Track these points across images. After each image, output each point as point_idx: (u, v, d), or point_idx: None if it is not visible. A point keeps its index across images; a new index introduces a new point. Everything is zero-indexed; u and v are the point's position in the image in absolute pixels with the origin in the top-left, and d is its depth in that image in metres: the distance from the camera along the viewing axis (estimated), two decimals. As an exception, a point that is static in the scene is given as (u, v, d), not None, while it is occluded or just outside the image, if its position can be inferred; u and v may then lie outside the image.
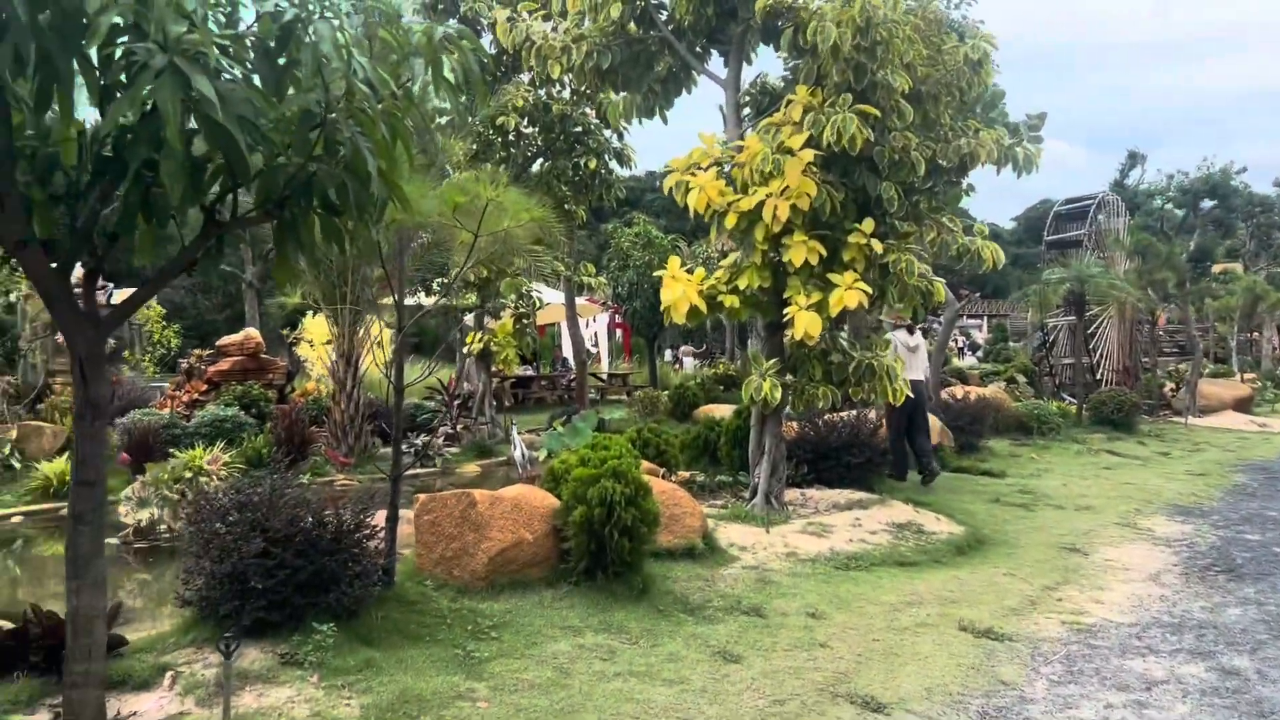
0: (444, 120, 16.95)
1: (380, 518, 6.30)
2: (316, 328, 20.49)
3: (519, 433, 13.32)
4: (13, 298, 21.32)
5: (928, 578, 7.78)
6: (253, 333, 17.63)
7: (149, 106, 3.80)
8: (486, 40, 16.47)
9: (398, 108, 4.61)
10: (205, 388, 16.81)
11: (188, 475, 9.74)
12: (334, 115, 4.25)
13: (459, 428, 16.04)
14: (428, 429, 15.98)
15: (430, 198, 5.76)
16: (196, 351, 18.24)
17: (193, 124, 4.18)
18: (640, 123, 11.25)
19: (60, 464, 11.65)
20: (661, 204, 62.33)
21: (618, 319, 29.50)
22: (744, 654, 5.71)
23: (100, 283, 5.05)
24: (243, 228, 4.54)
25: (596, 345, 30.34)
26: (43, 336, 17.40)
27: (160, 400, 16.06)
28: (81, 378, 4.49)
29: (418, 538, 6.73)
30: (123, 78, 3.90)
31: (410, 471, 13.61)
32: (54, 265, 4.32)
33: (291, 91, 4.22)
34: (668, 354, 37.77)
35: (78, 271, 4.55)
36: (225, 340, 17.59)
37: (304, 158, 4.32)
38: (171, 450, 12.68)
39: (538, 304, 17.63)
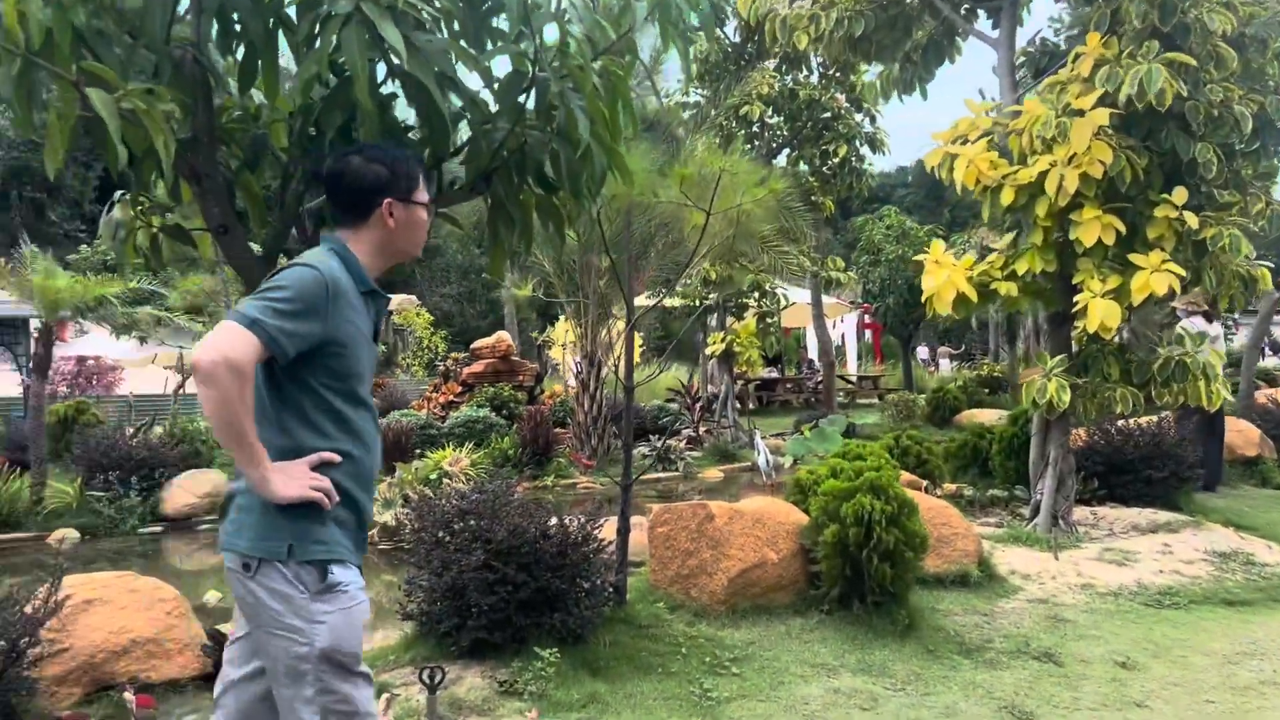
0: (686, 115, 16.52)
1: (612, 527, 5.75)
2: (565, 330, 20.64)
3: (763, 437, 12.57)
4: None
5: (1266, 621, 6.31)
6: (504, 335, 17.95)
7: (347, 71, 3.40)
8: (730, 28, 15.86)
9: (619, 64, 3.99)
10: (460, 389, 17.27)
11: (433, 476, 9.72)
12: (544, 73, 3.69)
13: (701, 430, 15.50)
14: (669, 431, 15.56)
15: (650, 170, 5.13)
16: (453, 355, 18.83)
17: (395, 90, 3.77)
18: (900, 98, 10.20)
19: (322, 462, 12.14)
20: (913, 200, 59.46)
21: (867, 318, 28.08)
22: (1038, 711, 4.67)
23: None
24: (448, 205, 4.08)
25: (844, 345, 29.05)
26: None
27: (418, 402, 16.61)
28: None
29: (651, 551, 6.13)
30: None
31: (650, 475, 13.22)
32: (259, 253, 4.03)
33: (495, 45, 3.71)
34: (921, 354, 35.68)
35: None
36: (479, 343, 18.01)
37: (512, 122, 3.79)
38: (424, 451, 12.93)
39: (782, 303, 16.79)
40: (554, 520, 5.25)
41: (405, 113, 3.78)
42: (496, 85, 3.75)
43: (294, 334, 2.32)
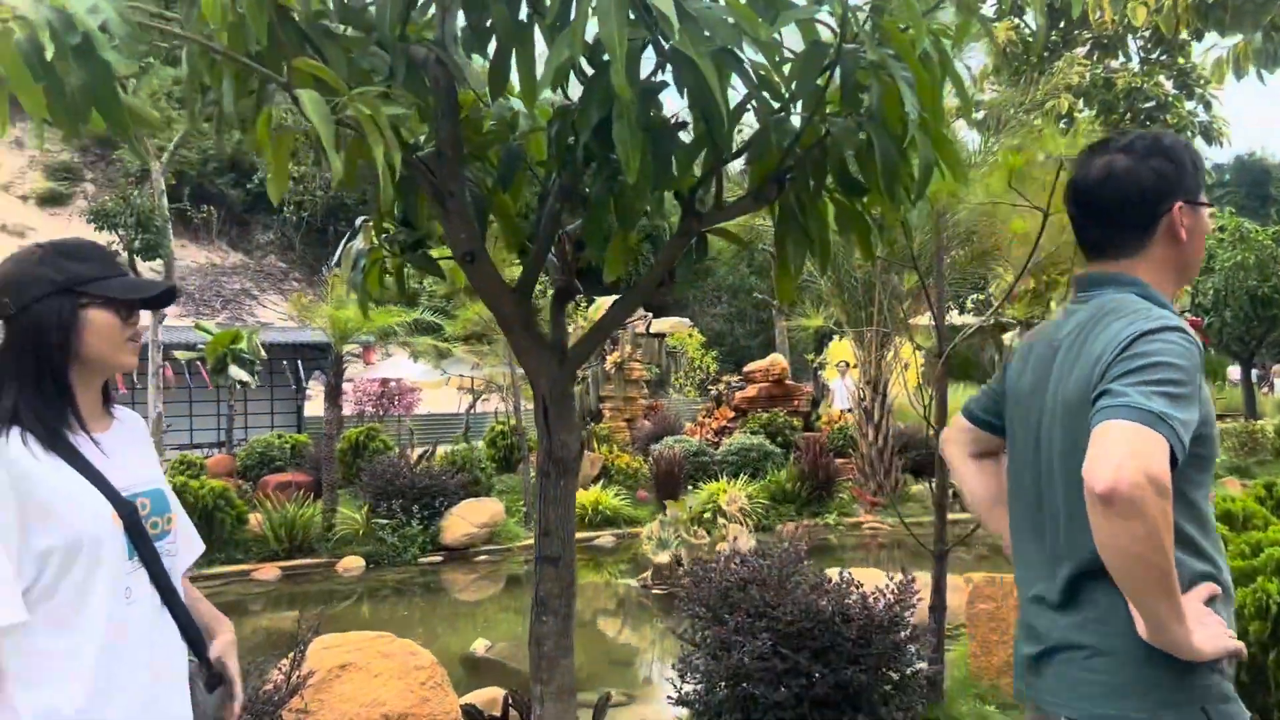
0: (980, 115, 14.99)
1: (918, 590, 4.73)
2: (840, 351, 19.49)
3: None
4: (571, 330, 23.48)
5: None
6: (777, 358, 17.12)
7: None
8: (1029, 16, 14.23)
9: (946, 27, 3.05)
10: (733, 414, 16.62)
11: (708, 515, 9.04)
12: (852, 44, 2.83)
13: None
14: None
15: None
16: (725, 378, 18.24)
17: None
18: (1260, 75, 8.41)
19: (594, 492, 11.82)
20: (1233, 199, 52.71)
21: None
22: None
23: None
24: (729, 218, 3.30)
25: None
26: (594, 365, 18.47)
27: (691, 426, 16.12)
28: (545, 425, 3.57)
29: (971, 631, 5.06)
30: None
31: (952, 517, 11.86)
32: (513, 283, 3.45)
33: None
34: (1235, 374, 31.10)
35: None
36: (751, 366, 17.30)
37: (810, 109, 2.95)
38: (695, 483, 12.34)
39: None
40: (854, 596, 4.33)
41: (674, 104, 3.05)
42: (790, 62, 2.94)
43: (1188, 425, 1.61)
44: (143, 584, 1.71)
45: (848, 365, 18.52)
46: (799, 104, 3.03)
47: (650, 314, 18.77)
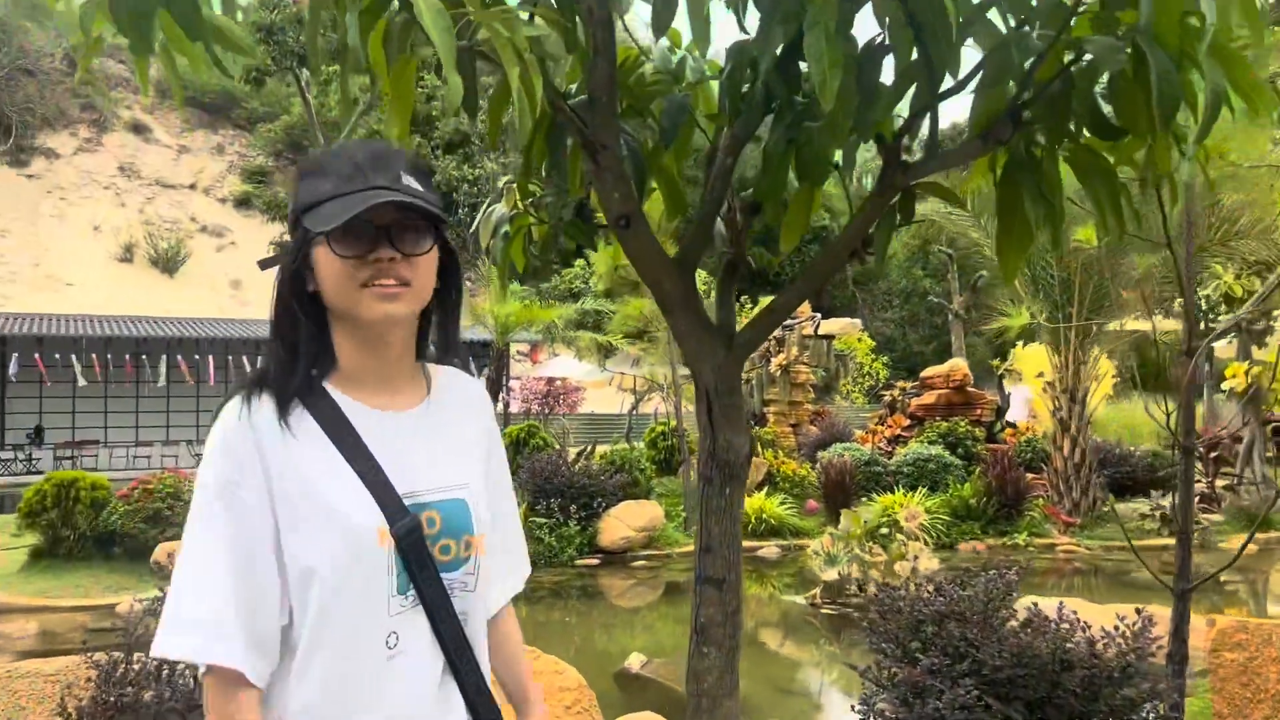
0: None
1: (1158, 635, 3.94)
2: (1030, 358, 18.15)
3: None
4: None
5: None
6: (959, 363, 16.00)
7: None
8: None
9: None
10: (908, 423, 15.63)
11: (884, 531, 8.29)
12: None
13: (1217, 486, 12.40)
14: (1170, 485, 12.62)
15: None
16: (900, 384, 17.23)
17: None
18: None
19: (759, 500, 11.20)
20: None
21: None
22: None
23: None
24: (945, 168, 2.69)
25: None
26: (759, 367, 17.84)
27: (862, 434, 15.25)
28: (708, 422, 3.04)
29: (1216, 683, 4.20)
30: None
31: (1150, 541, 10.63)
32: (675, 256, 2.95)
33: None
34: None
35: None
36: (930, 371, 16.24)
37: (1058, 27, 2.31)
38: (867, 494, 11.56)
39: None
40: (1079, 638, 3.59)
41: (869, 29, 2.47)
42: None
43: None
44: (417, 632, 1.19)
45: (1020, 375, 17.23)
46: (1038, 22, 2.40)
47: (819, 314, 17.96)
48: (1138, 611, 3.80)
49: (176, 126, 47.78)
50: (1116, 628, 3.72)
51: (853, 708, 3.88)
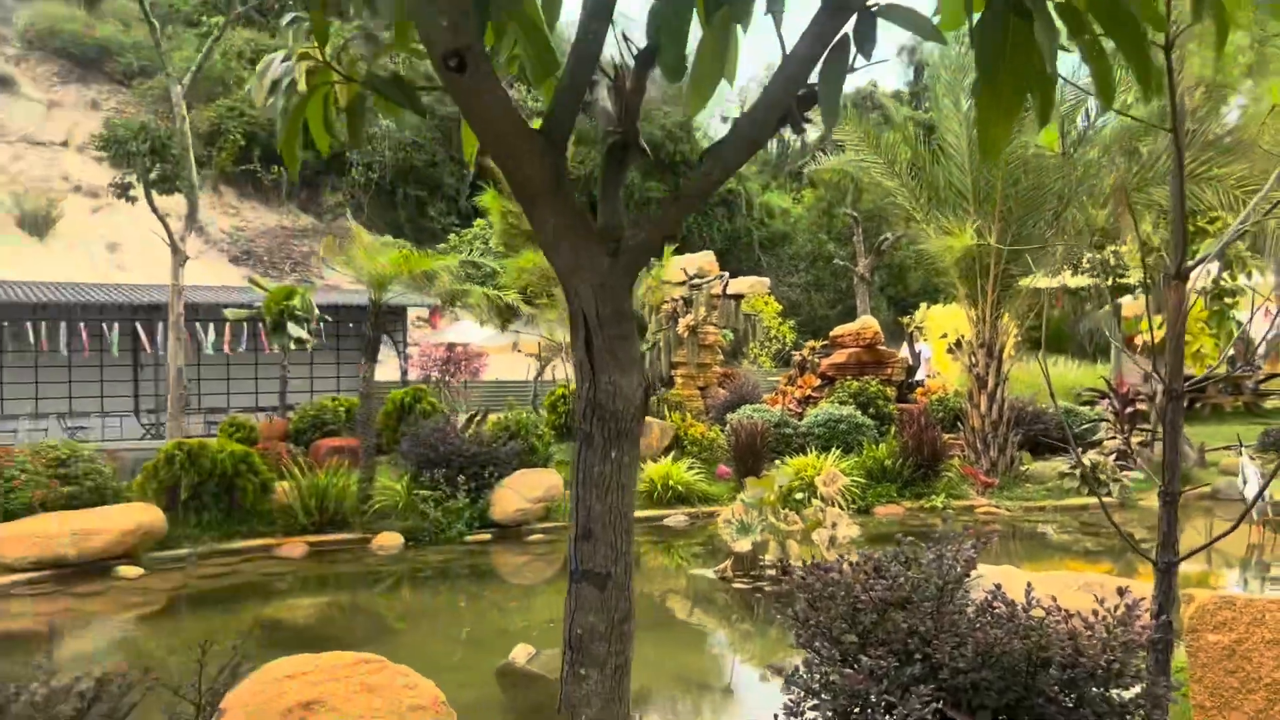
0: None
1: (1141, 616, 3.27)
2: (938, 318, 17.87)
3: (1250, 456, 9.18)
4: (641, 290, 22.01)
5: None
6: (870, 321, 15.50)
7: None
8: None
9: None
10: (818, 383, 15.09)
11: (798, 495, 7.61)
12: None
13: (1133, 443, 12.14)
14: (1087, 442, 12.35)
15: None
16: (810, 343, 16.68)
17: None
18: None
19: (664, 465, 10.44)
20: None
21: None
22: None
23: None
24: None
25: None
26: (666, 328, 17.08)
27: (771, 396, 14.63)
28: (587, 358, 2.21)
29: (1196, 671, 3.58)
30: None
31: (1070, 502, 10.25)
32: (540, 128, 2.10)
33: None
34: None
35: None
36: (840, 330, 15.70)
37: None
38: (779, 457, 10.93)
39: (1253, 277, 12.90)
40: (1061, 628, 2.89)
41: None
42: None
43: None
44: None
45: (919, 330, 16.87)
46: None
47: (727, 273, 17.30)
48: (1120, 593, 3.12)
49: (46, 80, 44.44)
50: (1095, 612, 3.03)
51: (775, 717, 3.09)
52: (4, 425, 23.40)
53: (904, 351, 16.91)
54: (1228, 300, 12.45)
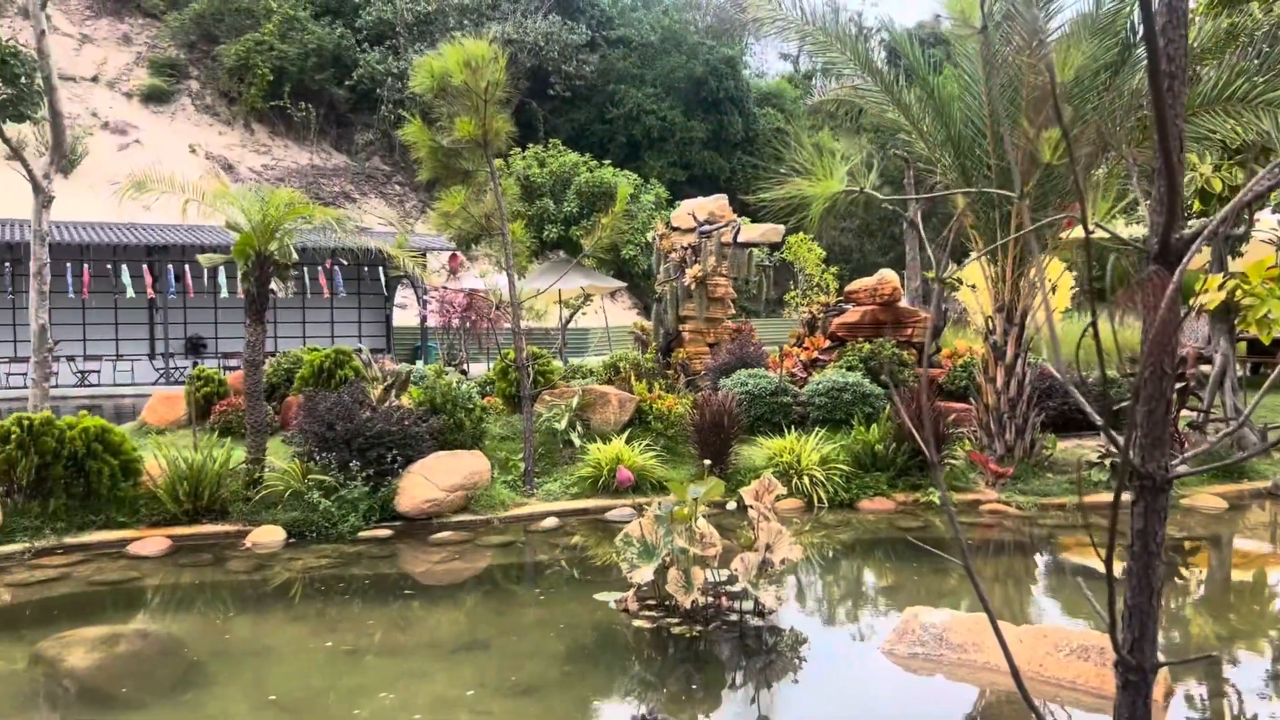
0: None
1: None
2: (977, 270, 15.95)
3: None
4: (649, 236, 20.36)
5: None
6: (889, 275, 13.71)
7: None
8: None
9: None
10: (827, 344, 13.43)
11: (731, 504, 6.07)
12: None
13: (1180, 425, 10.33)
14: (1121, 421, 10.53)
15: None
16: (820, 298, 14.97)
17: None
18: None
19: (616, 445, 8.97)
20: None
21: None
22: None
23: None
24: None
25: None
26: (673, 279, 15.46)
27: (773, 359, 13.00)
28: None
29: None
30: None
31: (1097, 497, 8.58)
32: None
33: None
34: None
35: None
36: (855, 285, 13.97)
37: None
38: (767, 432, 9.44)
39: (1335, 228, 10.86)
40: None
41: None
42: None
43: None
44: None
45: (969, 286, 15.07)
46: None
47: (738, 220, 15.57)
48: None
49: (79, 14, 43.66)
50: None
51: None
52: (16, 369, 23.04)
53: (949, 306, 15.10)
54: (1306, 256, 10.45)
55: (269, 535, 7.36)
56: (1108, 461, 8.87)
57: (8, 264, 21.53)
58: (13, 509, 7.15)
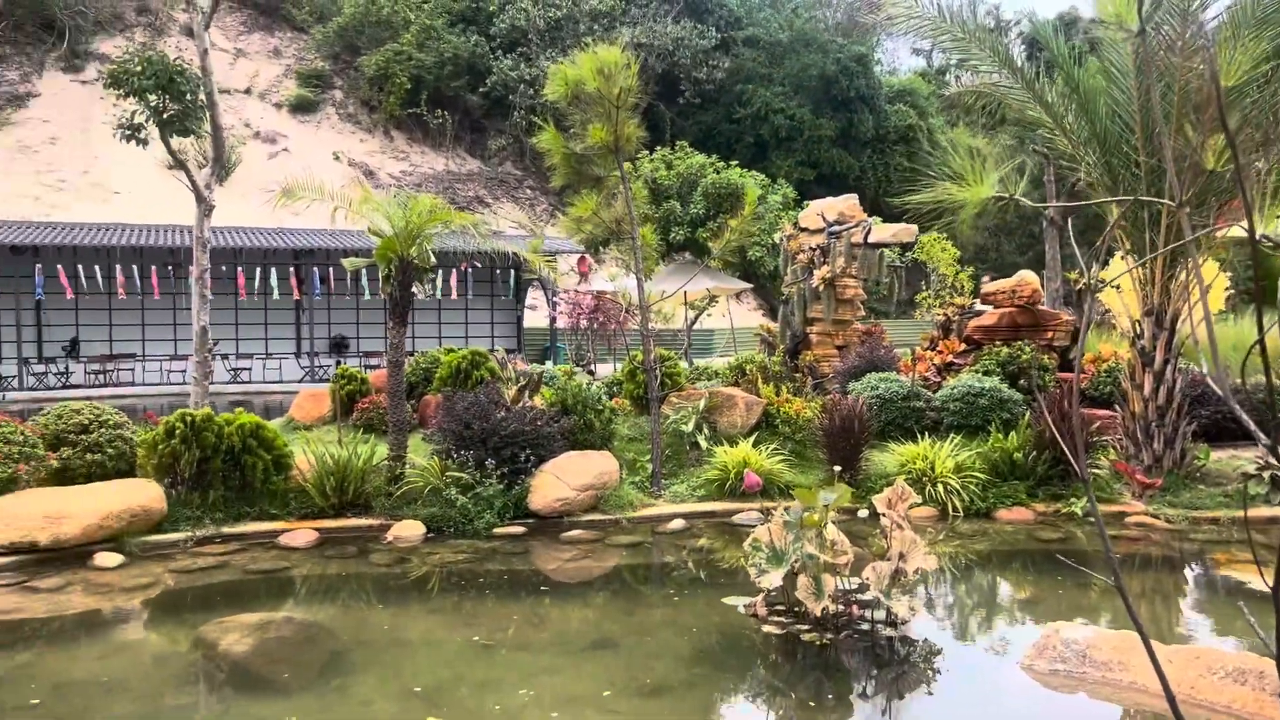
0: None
1: None
2: (1122, 269, 15.25)
3: None
4: (776, 237, 20.16)
5: None
6: (1028, 277, 13.25)
7: None
8: None
9: None
10: (963, 347, 13.07)
11: (863, 512, 5.99)
12: None
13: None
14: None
15: None
16: (957, 299, 14.57)
17: None
18: None
19: (743, 449, 8.96)
20: None
21: None
22: None
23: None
24: None
25: None
26: (800, 280, 15.33)
27: (905, 362, 12.74)
28: None
29: None
30: None
31: (1261, 512, 8.09)
32: None
33: None
34: None
35: None
36: (991, 286, 13.55)
37: None
38: (903, 437, 9.28)
39: None
40: None
41: None
42: None
43: None
44: None
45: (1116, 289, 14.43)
46: None
47: (869, 220, 15.30)
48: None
49: (234, 29, 46.26)
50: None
51: None
52: (175, 366, 24.65)
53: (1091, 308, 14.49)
54: None
55: (409, 530, 7.66)
56: (1268, 475, 8.35)
57: (170, 267, 22.99)
58: (176, 500, 7.66)
